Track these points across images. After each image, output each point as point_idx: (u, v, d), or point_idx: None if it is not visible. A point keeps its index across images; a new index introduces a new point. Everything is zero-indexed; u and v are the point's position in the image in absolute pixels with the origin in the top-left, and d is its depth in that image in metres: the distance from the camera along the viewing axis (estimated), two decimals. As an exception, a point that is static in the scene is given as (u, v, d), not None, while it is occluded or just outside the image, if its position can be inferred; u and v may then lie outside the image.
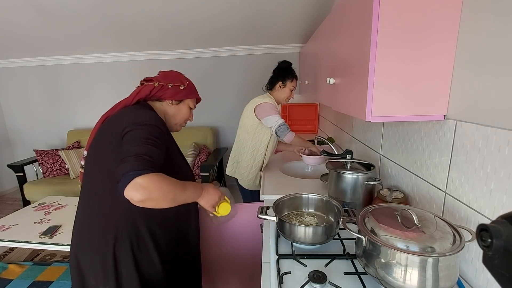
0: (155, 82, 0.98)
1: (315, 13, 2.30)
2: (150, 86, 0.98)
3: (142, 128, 0.80)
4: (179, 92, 1.01)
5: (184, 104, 1.05)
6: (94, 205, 0.87)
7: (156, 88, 0.98)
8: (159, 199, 0.71)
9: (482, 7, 0.65)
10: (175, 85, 1.00)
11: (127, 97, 0.98)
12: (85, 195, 0.90)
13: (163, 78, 1.01)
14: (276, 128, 1.62)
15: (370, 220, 0.73)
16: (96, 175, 0.88)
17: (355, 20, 0.83)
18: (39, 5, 2.10)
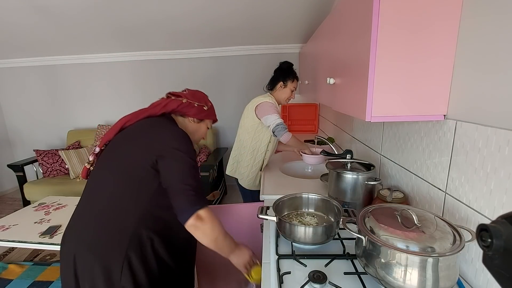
0: (184, 99, 1.03)
1: (315, 13, 2.30)
2: (178, 101, 1.02)
3: (185, 155, 0.86)
4: (202, 112, 1.07)
5: (204, 123, 1.13)
6: (105, 209, 0.85)
7: (184, 105, 1.02)
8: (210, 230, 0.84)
9: (482, 7, 0.65)
10: (200, 105, 1.06)
11: (152, 107, 1.01)
12: (93, 196, 0.89)
13: (191, 96, 1.07)
14: (274, 127, 1.62)
15: (370, 220, 0.73)
16: (111, 179, 0.87)
17: (355, 20, 0.83)
18: (39, 5, 2.10)
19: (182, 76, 3.30)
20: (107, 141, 0.97)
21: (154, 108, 1.00)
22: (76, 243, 0.86)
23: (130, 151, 0.89)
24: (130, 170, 0.86)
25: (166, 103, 1.01)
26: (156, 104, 1.02)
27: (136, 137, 0.91)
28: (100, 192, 0.88)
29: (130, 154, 0.88)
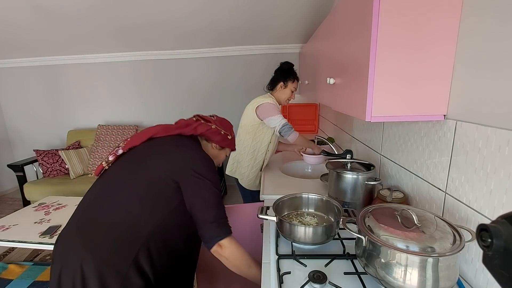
0: (213, 124, 1.07)
1: (315, 13, 2.30)
2: (207, 126, 1.05)
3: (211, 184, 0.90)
4: (226, 140, 1.11)
5: (224, 151, 1.16)
6: (118, 218, 0.83)
7: (211, 130, 1.06)
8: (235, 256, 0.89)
9: (482, 7, 0.65)
10: (225, 133, 1.10)
11: (182, 126, 1.02)
12: (107, 201, 0.86)
13: (219, 123, 1.11)
14: (280, 128, 1.62)
15: (370, 220, 0.73)
16: (131, 188, 0.86)
17: (355, 20, 0.83)
18: (39, 5, 2.10)
19: (182, 76, 3.30)
20: (132, 147, 0.97)
21: (185, 128, 1.02)
22: (82, 247, 0.79)
23: (156, 165, 0.89)
24: (153, 184, 0.86)
25: (196, 125, 1.04)
26: (185, 124, 1.03)
27: (165, 153, 0.92)
28: (116, 198, 0.85)
29: (156, 168, 0.89)
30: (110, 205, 0.85)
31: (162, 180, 0.87)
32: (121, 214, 0.83)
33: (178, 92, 3.36)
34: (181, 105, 3.39)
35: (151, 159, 0.91)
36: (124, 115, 3.50)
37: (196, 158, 0.93)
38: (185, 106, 3.39)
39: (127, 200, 0.85)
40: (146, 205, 0.84)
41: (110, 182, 0.91)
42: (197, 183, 0.88)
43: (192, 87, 3.33)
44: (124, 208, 0.84)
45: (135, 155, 0.94)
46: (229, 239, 0.88)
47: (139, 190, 0.86)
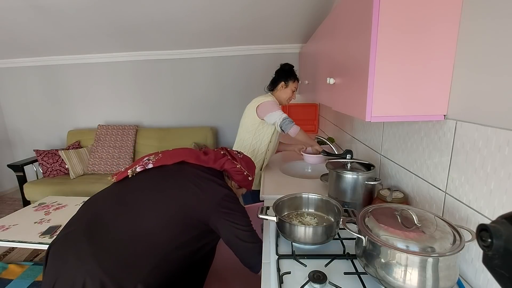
0: (238, 164, 1.08)
1: (315, 13, 2.30)
2: (233, 164, 1.06)
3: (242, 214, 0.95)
4: (246, 181, 1.12)
5: (241, 190, 1.19)
6: (140, 234, 0.79)
7: (236, 169, 1.07)
8: None
9: (482, 7, 0.65)
10: (247, 174, 1.11)
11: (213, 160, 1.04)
12: (126, 215, 0.83)
13: (245, 164, 1.12)
14: (281, 122, 1.61)
15: (370, 220, 0.73)
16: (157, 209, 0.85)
17: (355, 20, 0.83)
18: (39, 5, 2.10)
19: (182, 76, 3.30)
20: (163, 165, 0.98)
21: (214, 163, 1.03)
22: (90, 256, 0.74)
23: (191, 194, 0.90)
24: (184, 211, 0.87)
25: (224, 162, 1.05)
26: (214, 158, 1.04)
27: (200, 184, 0.93)
28: (138, 213, 0.83)
29: (190, 197, 0.89)
30: (131, 219, 0.81)
31: (194, 209, 0.88)
32: (143, 230, 0.80)
33: (178, 92, 3.36)
34: (181, 105, 3.40)
35: (187, 185, 0.92)
36: (124, 115, 3.50)
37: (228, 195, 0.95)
38: (185, 106, 3.39)
39: (152, 219, 0.83)
40: (171, 229, 0.84)
41: (134, 194, 0.88)
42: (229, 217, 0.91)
43: (192, 87, 3.33)
44: (147, 226, 0.81)
45: (168, 175, 0.94)
46: None
47: (168, 212, 0.85)
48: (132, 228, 0.80)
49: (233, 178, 1.10)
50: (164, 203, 0.86)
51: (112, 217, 0.82)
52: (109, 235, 0.77)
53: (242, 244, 0.92)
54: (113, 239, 0.77)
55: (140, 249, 0.77)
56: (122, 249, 0.76)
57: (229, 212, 0.91)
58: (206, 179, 0.95)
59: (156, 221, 0.83)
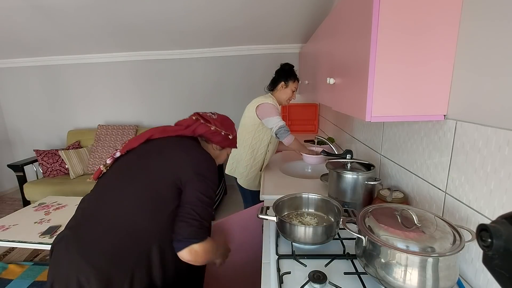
0: (212, 126, 1.03)
1: (315, 13, 2.30)
2: (206, 127, 1.02)
3: (208, 185, 0.88)
4: (226, 140, 1.07)
5: (225, 150, 1.13)
6: (118, 222, 0.80)
7: (211, 132, 1.02)
8: (201, 261, 0.86)
9: (482, 7, 0.65)
10: (226, 133, 1.06)
11: (182, 128, 1.00)
12: (106, 205, 0.84)
13: (220, 123, 1.06)
14: (276, 130, 1.63)
15: (370, 220, 0.73)
16: (131, 192, 0.84)
17: (355, 20, 0.83)
18: (39, 5, 2.10)
19: (182, 76, 3.30)
20: (130, 149, 0.95)
21: (184, 130, 1.00)
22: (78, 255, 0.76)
23: (155, 167, 0.87)
24: (153, 186, 0.84)
25: (196, 127, 1.01)
26: (185, 125, 1.01)
27: (165, 156, 0.90)
28: (115, 203, 0.83)
29: (155, 171, 0.86)
30: (109, 212, 0.82)
31: (162, 182, 0.85)
32: (122, 220, 0.81)
33: (178, 92, 3.36)
34: (181, 105, 3.40)
35: (150, 161, 0.89)
36: (124, 115, 3.50)
37: (197, 159, 0.91)
38: (185, 106, 3.39)
39: (127, 205, 0.82)
40: (146, 208, 0.82)
41: (109, 186, 0.88)
42: (196, 183, 0.86)
43: (192, 87, 3.33)
44: (124, 213, 0.81)
45: (133, 157, 0.92)
46: (203, 244, 0.83)
47: (139, 194, 0.83)
48: (110, 221, 0.81)
49: (212, 140, 1.05)
50: (134, 187, 0.85)
51: (93, 214, 0.84)
52: (93, 231, 0.80)
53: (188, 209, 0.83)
54: (97, 234, 0.79)
55: (121, 240, 0.79)
56: (105, 243, 0.78)
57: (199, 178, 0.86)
58: (171, 148, 0.92)
59: (131, 208, 0.82)
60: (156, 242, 0.82)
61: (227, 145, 1.11)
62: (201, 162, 0.90)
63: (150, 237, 0.82)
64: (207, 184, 0.88)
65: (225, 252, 1.08)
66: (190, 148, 0.94)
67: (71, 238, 0.80)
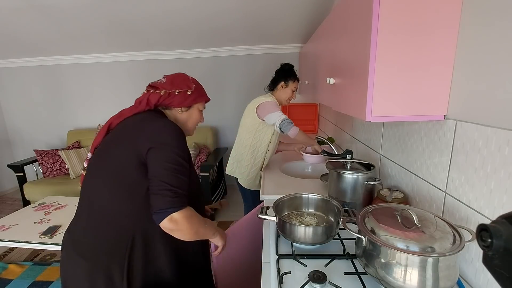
0: (161, 91, 0.94)
1: (315, 13, 2.30)
2: (156, 94, 0.94)
3: (171, 151, 0.81)
4: (187, 98, 0.97)
5: (193, 109, 1.02)
6: (99, 217, 0.83)
7: (163, 97, 0.94)
8: (186, 230, 0.80)
9: (482, 7, 0.65)
10: (182, 91, 0.96)
11: (136, 105, 0.94)
12: (87, 204, 0.86)
13: (170, 84, 0.96)
14: (280, 123, 1.61)
15: (370, 220, 0.73)
16: (102, 184, 0.84)
17: (355, 20, 0.83)
18: (39, 5, 2.10)
19: (182, 76, 3.30)
20: (97, 146, 0.93)
21: (139, 106, 0.93)
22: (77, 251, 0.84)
23: (116, 152, 0.84)
24: (119, 172, 0.82)
25: (147, 97, 0.93)
26: (139, 101, 0.94)
27: (121, 137, 0.86)
28: (93, 199, 0.85)
29: (117, 156, 0.83)
30: (88, 206, 0.85)
31: (128, 166, 0.81)
32: (99, 212, 0.83)
33: (178, 92, 3.36)
34: (181, 105, 3.40)
35: (110, 149, 0.86)
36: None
37: (152, 128, 0.84)
38: (185, 106, 3.39)
39: (101, 197, 0.84)
40: (120, 195, 0.81)
41: (84, 186, 0.88)
42: (157, 151, 0.80)
43: (192, 87, 3.33)
44: (99, 206, 0.83)
45: (98, 153, 0.89)
46: (183, 212, 0.78)
47: (109, 183, 0.83)
48: (91, 215, 0.84)
49: (172, 104, 0.95)
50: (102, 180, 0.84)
51: (78, 213, 0.89)
52: (79, 228, 0.86)
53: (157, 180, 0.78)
54: (82, 230, 0.85)
55: (104, 231, 0.83)
56: (90, 237, 0.83)
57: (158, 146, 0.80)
58: (127, 128, 0.88)
59: (105, 201, 0.83)
60: (141, 225, 0.83)
61: (191, 102, 0.98)
62: (156, 130, 0.83)
63: (133, 221, 0.83)
64: (170, 150, 0.81)
65: (221, 233, 1.00)
66: (145, 121, 0.87)
67: (68, 239, 0.88)
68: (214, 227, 0.95)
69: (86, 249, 0.83)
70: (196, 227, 0.83)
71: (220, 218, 2.77)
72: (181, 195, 0.79)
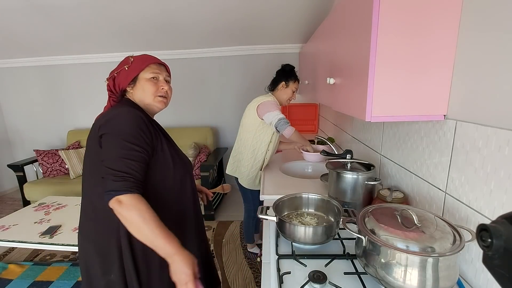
0: (106, 81, 0.95)
1: (315, 13, 2.30)
2: (107, 86, 0.95)
3: (118, 136, 0.79)
4: (127, 74, 0.91)
5: (140, 80, 0.92)
6: (88, 207, 0.89)
7: (110, 85, 0.93)
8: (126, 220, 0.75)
9: (482, 7, 0.65)
10: (121, 70, 0.92)
11: (108, 100, 0.97)
12: (82, 200, 0.92)
13: (112, 71, 0.95)
14: (276, 122, 1.62)
15: (370, 220, 0.73)
16: (87, 178, 0.89)
17: (355, 20, 0.83)
18: (39, 5, 2.10)
19: (182, 76, 3.30)
20: None
21: (109, 102, 0.96)
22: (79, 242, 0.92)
23: (89, 148, 0.88)
24: (94, 165, 0.86)
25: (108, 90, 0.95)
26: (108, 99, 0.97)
27: (92, 131, 0.87)
28: (84, 193, 0.91)
29: (88, 151, 0.88)
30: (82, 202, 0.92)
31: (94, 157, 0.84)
32: (85, 205, 0.90)
33: (178, 92, 3.36)
34: (181, 105, 3.40)
35: (87, 151, 0.89)
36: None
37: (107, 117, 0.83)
38: (185, 106, 3.39)
39: (86, 193, 0.89)
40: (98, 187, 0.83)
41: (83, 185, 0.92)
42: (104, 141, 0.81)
43: (192, 87, 3.33)
44: (86, 201, 0.90)
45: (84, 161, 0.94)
46: (129, 196, 0.74)
47: (89, 179, 0.88)
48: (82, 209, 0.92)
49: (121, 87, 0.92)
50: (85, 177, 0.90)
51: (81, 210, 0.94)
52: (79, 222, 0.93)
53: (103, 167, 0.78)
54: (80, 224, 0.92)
55: (91, 222, 0.89)
56: (84, 229, 0.91)
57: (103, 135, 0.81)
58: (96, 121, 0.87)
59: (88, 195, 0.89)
60: None
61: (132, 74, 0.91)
62: (108, 118, 0.83)
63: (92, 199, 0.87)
64: (117, 135, 0.79)
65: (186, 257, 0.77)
66: (106, 113, 0.87)
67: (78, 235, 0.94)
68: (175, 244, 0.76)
69: (84, 240, 0.90)
70: (137, 219, 0.73)
71: (220, 218, 2.77)
72: (127, 179, 0.75)
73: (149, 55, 0.96)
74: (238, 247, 2.27)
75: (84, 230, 0.91)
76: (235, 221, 2.69)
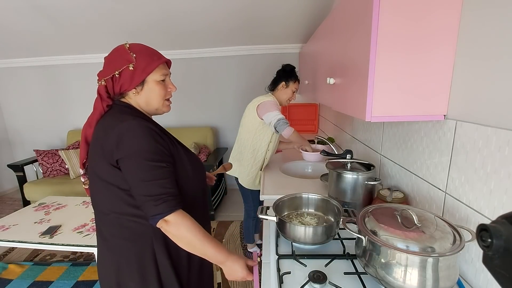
0: (101, 81, 0.80)
1: (315, 13, 2.30)
2: (101, 86, 0.81)
3: (139, 157, 0.73)
4: (133, 75, 0.79)
5: (149, 83, 0.82)
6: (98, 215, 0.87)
7: (108, 86, 0.80)
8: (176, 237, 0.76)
9: (482, 7, 0.65)
10: (123, 70, 0.78)
11: (95, 107, 0.83)
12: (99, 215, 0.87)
13: (107, 68, 0.80)
14: (275, 122, 1.62)
15: (370, 220, 0.73)
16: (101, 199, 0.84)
17: (355, 20, 0.83)
18: (39, 5, 2.10)
19: (182, 76, 3.30)
20: (84, 162, 0.87)
21: (97, 107, 0.81)
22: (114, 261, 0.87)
23: (94, 164, 0.81)
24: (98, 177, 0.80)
25: (98, 92, 0.81)
26: (96, 99, 0.82)
27: (96, 153, 0.79)
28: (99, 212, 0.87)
29: (95, 166, 0.80)
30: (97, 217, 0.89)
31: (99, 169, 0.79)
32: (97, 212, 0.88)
33: (177, 91, 3.34)
34: (181, 105, 3.39)
35: (91, 163, 0.83)
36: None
37: (114, 135, 0.74)
38: (185, 106, 3.39)
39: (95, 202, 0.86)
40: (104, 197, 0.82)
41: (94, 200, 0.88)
42: (126, 162, 0.74)
43: (192, 87, 3.33)
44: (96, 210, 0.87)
45: (89, 168, 0.86)
46: (174, 215, 0.74)
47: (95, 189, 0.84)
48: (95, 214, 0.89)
49: (123, 89, 0.80)
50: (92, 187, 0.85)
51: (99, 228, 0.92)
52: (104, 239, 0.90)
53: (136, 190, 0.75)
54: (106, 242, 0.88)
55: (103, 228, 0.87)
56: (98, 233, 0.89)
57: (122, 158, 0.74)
58: (97, 138, 0.79)
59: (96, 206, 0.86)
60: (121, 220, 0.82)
61: (140, 76, 0.80)
62: (120, 138, 0.74)
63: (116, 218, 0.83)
64: (138, 156, 0.73)
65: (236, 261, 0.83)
66: (108, 128, 0.77)
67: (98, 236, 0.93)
68: (223, 251, 0.79)
69: (101, 242, 0.89)
70: (188, 235, 0.75)
71: (220, 218, 2.77)
72: (167, 199, 0.74)
73: (151, 49, 0.84)
74: (238, 247, 2.27)
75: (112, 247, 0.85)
76: (235, 221, 2.69)
